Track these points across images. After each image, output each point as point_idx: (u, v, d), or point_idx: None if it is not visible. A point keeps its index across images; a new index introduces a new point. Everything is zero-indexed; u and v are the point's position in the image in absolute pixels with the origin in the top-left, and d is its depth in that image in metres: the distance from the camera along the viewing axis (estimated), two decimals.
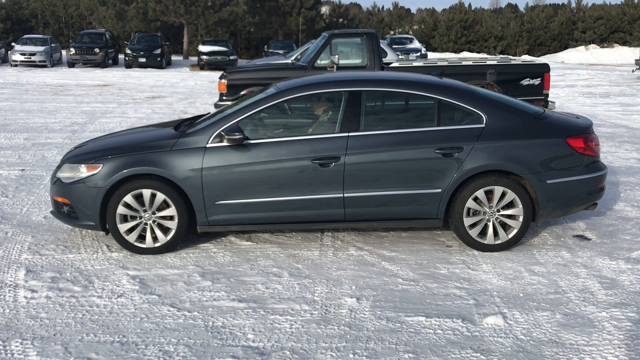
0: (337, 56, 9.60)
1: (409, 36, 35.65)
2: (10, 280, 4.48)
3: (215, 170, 4.86)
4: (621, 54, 36.25)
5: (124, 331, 3.74)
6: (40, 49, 27.52)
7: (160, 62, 28.17)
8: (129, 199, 4.87)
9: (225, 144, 4.89)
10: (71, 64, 27.72)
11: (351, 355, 3.48)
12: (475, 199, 4.97)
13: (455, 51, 41.65)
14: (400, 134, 4.97)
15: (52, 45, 28.74)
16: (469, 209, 4.98)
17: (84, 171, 4.94)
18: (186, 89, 18.93)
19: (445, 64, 10.11)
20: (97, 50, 27.49)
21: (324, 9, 44.25)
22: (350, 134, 4.94)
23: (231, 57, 28.73)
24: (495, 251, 5.07)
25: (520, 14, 48.24)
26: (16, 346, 3.55)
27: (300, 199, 4.91)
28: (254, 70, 10.55)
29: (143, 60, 27.75)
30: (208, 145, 4.91)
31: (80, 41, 28.74)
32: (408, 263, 4.85)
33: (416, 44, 32.63)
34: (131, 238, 4.95)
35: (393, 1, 52.32)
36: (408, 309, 4.05)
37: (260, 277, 4.57)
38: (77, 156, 5.16)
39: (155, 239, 4.96)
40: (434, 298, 4.23)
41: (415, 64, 10.40)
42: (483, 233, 5.05)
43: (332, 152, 4.89)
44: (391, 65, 10.26)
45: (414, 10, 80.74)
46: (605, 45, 39.73)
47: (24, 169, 7.94)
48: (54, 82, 20.26)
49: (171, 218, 4.94)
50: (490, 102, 5.11)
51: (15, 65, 27.12)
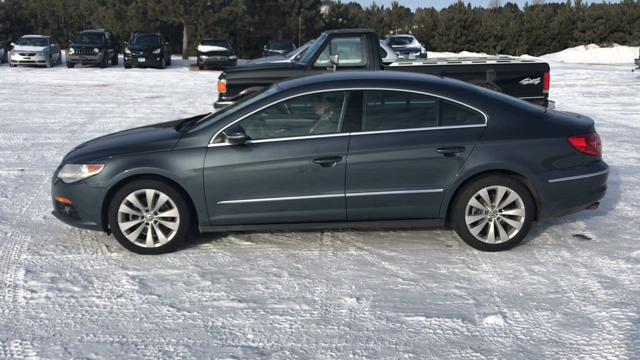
0: (337, 56, 9.59)
1: (409, 36, 35.62)
2: (10, 281, 4.47)
3: (217, 170, 4.86)
4: (621, 54, 36.25)
5: (123, 331, 3.73)
6: (40, 49, 27.51)
7: (160, 62, 28.17)
8: (131, 198, 4.86)
9: (226, 143, 4.88)
10: (70, 64, 27.71)
11: (351, 355, 3.47)
12: (478, 199, 4.97)
13: (454, 51, 41.65)
14: (401, 134, 4.96)
15: (52, 45, 28.75)
16: (470, 208, 4.97)
17: (85, 171, 4.93)
18: (185, 89, 18.93)
19: (445, 63, 10.10)
20: (97, 50, 27.49)
21: (324, 9, 44.24)
22: (352, 134, 4.93)
23: (230, 57, 28.74)
24: (497, 251, 5.06)
25: (520, 13, 48.28)
26: (15, 346, 3.55)
27: (302, 198, 4.90)
28: (254, 70, 10.55)
29: (142, 60, 27.75)
30: (210, 145, 4.90)
31: (79, 41, 28.73)
32: (408, 263, 4.85)
33: (416, 44, 32.61)
34: (132, 237, 4.94)
35: (392, 1, 52.31)
36: (408, 309, 4.04)
37: (260, 277, 4.56)
38: (79, 156, 5.15)
39: (156, 239, 4.96)
40: (433, 298, 4.22)
41: (414, 64, 10.39)
42: (485, 232, 5.04)
43: (334, 152, 4.88)
44: (391, 65, 10.26)
45: (413, 10, 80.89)
46: (604, 44, 39.73)
47: (23, 169, 7.94)
48: (53, 82, 20.25)
49: (172, 218, 4.93)
50: (492, 102, 5.11)
51: (15, 66, 27.11)
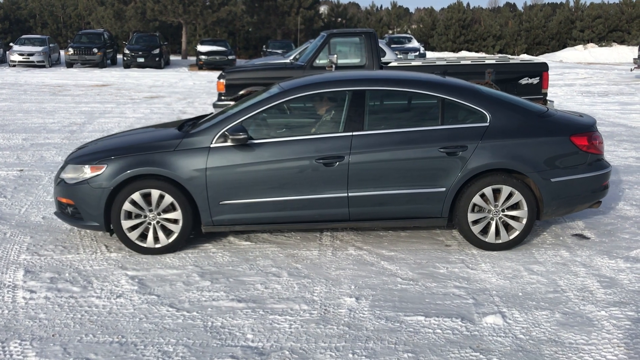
0: (336, 56, 9.59)
1: (408, 35, 35.62)
2: (9, 281, 4.47)
3: (220, 170, 4.86)
4: (619, 53, 36.26)
5: (123, 331, 3.73)
6: (39, 49, 27.48)
7: (159, 62, 28.15)
8: (135, 198, 4.86)
9: (229, 143, 4.88)
10: (69, 64, 27.69)
11: (350, 355, 3.48)
12: (480, 198, 4.96)
13: (453, 50, 41.66)
14: (404, 133, 4.96)
15: (51, 45, 28.72)
16: (473, 207, 4.97)
17: (87, 172, 4.93)
18: (185, 89, 18.92)
19: (444, 63, 10.10)
20: (96, 50, 27.47)
21: (323, 9, 44.25)
22: (354, 134, 4.93)
23: (230, 57, 28.72)
24: (499, 250, 5.06)
25: (519, 13, 48.31)
26: (15, 347, 3.54)
27: (305, 198, 4.90)
28: (253, 70, 10.54)
29: (141, 60, 27.73)
30: (212, 145, 4.90)
31: (78, 41, 28.70)
32: (407, 262, 4.85)
33: (415, 44, 32.60)
34: (134, 237, 4.94)
35: (391, 0, 52.27)
36: (407, 309, 4.05)
37: (260, 277, 4.56)
38: (81, 157, 5.15)
39: (159, 239, 4.96)
40: (433, 297, 4.22)
41: (413, 64, 10.39)
42: (487, 232, 5.03)
43: (336, 152, 4.88)
44: (390, 64, 10.26)
45: (412, 10, 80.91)
46: (603, 44, 39.74)
47: (22, 170, 7.94)
48: (52, 83, 20.24)
49: (175, 219, 4.93)
50: (494, 101, 5.11)
51: (14, 66, 27.09)
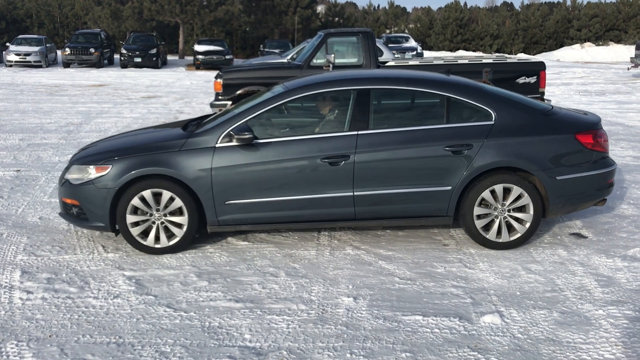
0: (333, 55, 9.58)
1: (405, 35, 35.65)
2: (6, 282, 4.46)
3: (225, 170, 4.85)
4: (616, 52, 36.33)
5: (120, 332, 3.73)
6: (35, 49, 27.44)
7: (156, 62, 28.13)
8: (140, 198, 4.85)
9: (234, 143, 4.88)
10: (66, 64, 27.66)
11: (348, 355, 3.47)
12: (486, 197, 4.96)
13: (451, 50, 41.70)
14: (409, 132, 4.96)
15: (47, 45, 28.68)
16: (479, 204, 4.96)
17: (92, 172, 4.92)
18: (182, 89, 18.90)
19: (441, 62, 10.10)
20: (93, 50, 27.44)
21: (320, 8, 44.25)
22: (360, 133, 4.92)
23: (227, 57, 28.73)
24: (506, 249, 5.06)
25: (516, 12, 48.36)
26: (11, 348, 3.53)
27: (310, 197, 4.90)
28: (250, 69, 10.53)
29: (139, 60, 27.71)
30: (217, 145, 4.90)
31: (75, 41, 28.66)
32: (405, 262, 4.85)
33: (412, 43, 32.63)
34: (139, 236, 4.93)
35: (389, 0, 52.32)
36: (405, 308, 4.04)
37: (257, 277, 4.56)
38: (86, 157, 5.14)
39: (166, 238, 4.96)
40: (430, 297, 4.22)
41: (411, 63, 10.39)
42: (493, 230, 5.03)
43: (342, 151, 4.88)
44: (387, 64, 10.25)
45: (409, 9, 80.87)
46: (600, 43, 39.83)
47: (19, 170, 7.92)
48: (49, 83, 20.20)
49: (181, 218, 4.92)
50: (499, 99, 5.11)
51: (10, 66, 27.04)
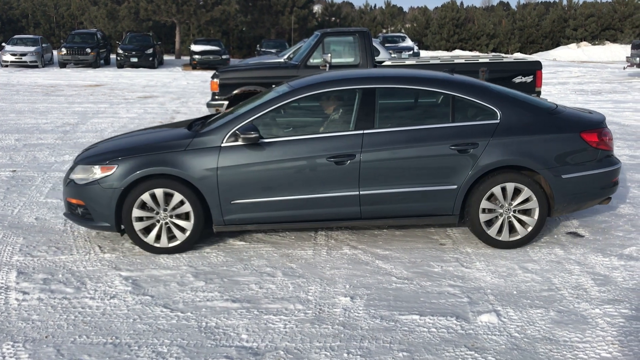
0: (330, 55, 9.58)
1: (402, 34, 35.65)
2: (2, 283, 4.44)
3: (231, 170, 4.85)
4: (612, 51, 36.40)
5: (116, 332, 3.72)
6: (31, 49, 27.34)
7: (152, 62, 28.06)
8: (145, 198, 4.85)
9: (240, 143, 4.88)
10: (62, 64, 27.56)
11: (345, 355, 3.47)
12: (491, 195, 4.97)
13: (447, 49, 41.72)
14: (415, 131, 4.97)
15: (43, 45, 28.58)
16: (485, 203, 4.96)
17: (98, 172, 4.91)
18: (178, 89, 18.87)
19: (438, 62, 10.10)
20: (89, 50, 27.35)
21: (316, 8, 44.24)
22: (365, 132, 4.93)
23: (223, 57, 28.67)
24: (511, 248, 5.06)
25: (512, 11, 48.39)
26: (7, 349, 3.52)
27: (316, 197, 4.90)
28: (247, 69, 10.51)
29: (135, 60, 27.63)
30: (223, 145, 4.89)
31: (71, 41, 28.57)
32: (402, 261, 4.85)
33: (408, 42, 32.64)
34: (147, 237, 4.93)
35: (385, 0, 52.32)
36: (402, 308, 4.04)
37: (254, 277, 4.55)
38: (90, 157, 5.13)
39: (172, 238, 4.95)
40: (427, 296, 4.22)
41: (407, 62, 10.39)
42: (499, 230, 5.03)
43: (348, 150, 4.88)
44: (384, 63, 10.25)
45: (406, 9, 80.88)
46: (596, 42, 39.90)
47: (15, 170, 7.89)
48: (45, 83, 20.14)
49: (187, 218, 4.92)
50: (504, 98, 5.12)
51: (6, 66, 26.94)
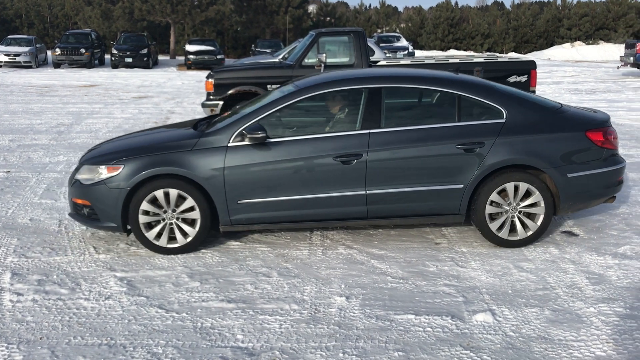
0: (325, 55, 9.57)
1: (396, 34, 35.68)
2: None
3: (238, 169, 4.85)
4: (606, 51, 36.54)
5: (111, 333, 3.71)
6: (25, 49, 27.27)
7: (147, 62, 28.01)
8: (151, 199, 4.84)
9: (246, 142, 4.88)
10: (57, 65, 27.49)
11: (341, 355, 3.47)
12: (498, 194, 4.97)
13: (442, 49, 41.79)
14: (421, 130, 4.98)
15: (37, 45, 28.52)
16: (491, 203, 4.98)
17: (104, 172, 4.90)
18: (173, 89, 18.84)
19: (433, 62, 10.11)
20: (83, 50, 27.29)
21: (311, 8, 44.21)
22: (372, 131, 4.93)
23: (218, 57, 28.67)
24: (517, 247, 5.07)
25: (507, 11, 48.49)
26: (1, 350, 3.51)
27: (323, 196, 4.91)
28: (241, 69, 10.49)
29: (129, 60, 27.59)
30: (230, 145, 4.89)
31: (65, 41, 28.50)
32: (397, 261, 4.85)
33: (403, 42, 32.67)
34: (151, 236, 4.91)
35: None
36: (397, 307, 4.04)
37: (249, 277, 4.55)
38: (96, 157, 5.12)
39: (178, 237, 4.95)
40: (423, 296, 4.23)
41: (402, 62, 10.39)
42: (505, 228, 5.04)
43: (354, 150, 4.88)
44: (379, 63, 10.26)
45: (401, 9, 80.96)
46: (590, 42, 40.04)
47: (9, 171, 7.86)
48: (39, 83, 20.08)
49: (193, 219, 4.91)
50: (510, 97, 5.13)
51: (0, 67, 26.85)
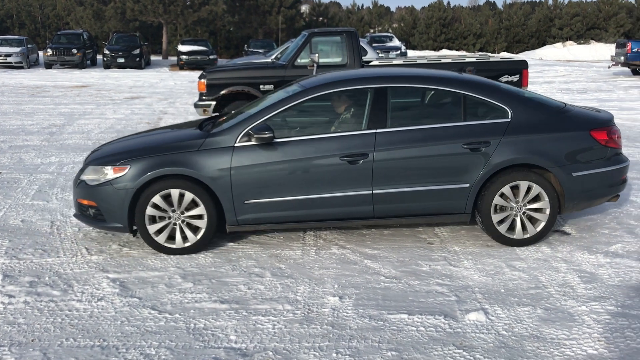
0: (317, 55, 9.58)
1: (389, 34, 35.74)
2: None
3: (244, 170, 4.85)
4: (597, 51, 36.75)
5: (104, 335, 3.69)
6: (16, 50, 27.11)
7: (139, 63, 27.92)
8: (157, 199, 4.83)
9: (253, 142, 4.87)
10: (48, 65, 27.37)
11: (334, 355, 3.47)
12: (503, 194, 4.99)
13: (434, 49, 41.89)
14: (427, 130, 4.99)
15: (29, 46, 28.35)
16: (497, 201, 4.99)
17: (110, 173, 4.88)
18: (166, 89, 18.79)
19: (425, 61, 10.14)
20: (75, 51, 27.17)
21: (304, 8, 44.21)
22: (378, 131, 4.94)
23: (211, 57, 28.61)
24: (523, 245, 5.09)
25: (499, 11, 48.67)
26: None
27: (329, 196, 4.91)
28: (234, 69, 10.48)
29: (122, 60, 27.49)
30: (236, 145, 4.89)
31: (57, 42, 28.36)
32: (390, 261, 4.86)
33: (396, 42, 32.74)
34: (161, 239, 4.92)
35: (372, 0, 52.40)
36: (390, 307, 4.05)
37: (242, 278, 4.54)
38: (102, 158, 5.10)
39: (185, 238, 4.94)
40: (416, 295, 4.24)
41: (395, 62, 10.41)
42: (512, 228, 5.06)
43: (360, 149, 4.89)
44: (371, 63, 10.27)
45: (393, 9, 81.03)
46: (582, 41, 40.24)
47: (0, 172, 7.82)
48: (30, 84, 19.97)
49: (200, 218, 4.91)
50: (515, 97, 5.16)
51: None
